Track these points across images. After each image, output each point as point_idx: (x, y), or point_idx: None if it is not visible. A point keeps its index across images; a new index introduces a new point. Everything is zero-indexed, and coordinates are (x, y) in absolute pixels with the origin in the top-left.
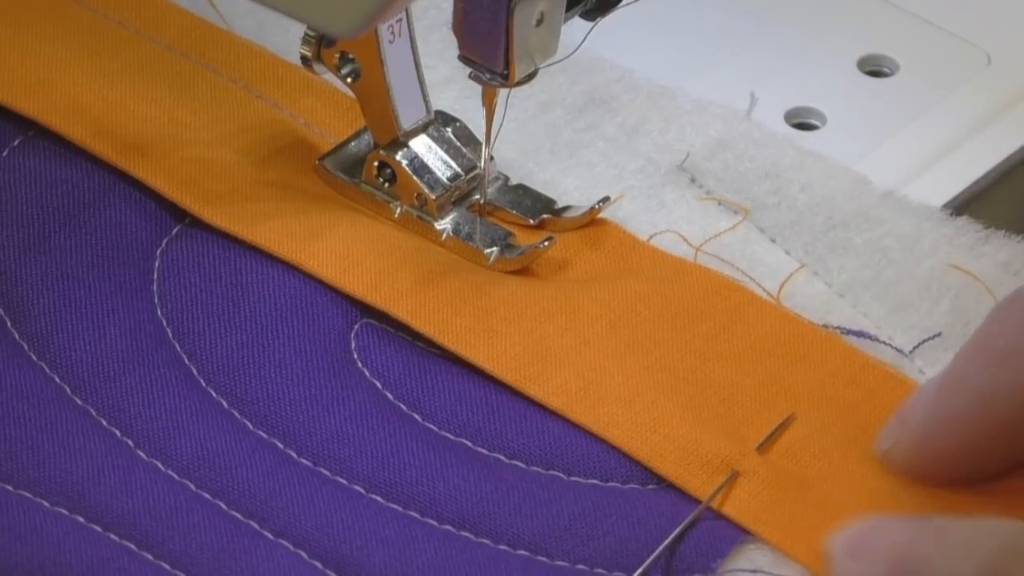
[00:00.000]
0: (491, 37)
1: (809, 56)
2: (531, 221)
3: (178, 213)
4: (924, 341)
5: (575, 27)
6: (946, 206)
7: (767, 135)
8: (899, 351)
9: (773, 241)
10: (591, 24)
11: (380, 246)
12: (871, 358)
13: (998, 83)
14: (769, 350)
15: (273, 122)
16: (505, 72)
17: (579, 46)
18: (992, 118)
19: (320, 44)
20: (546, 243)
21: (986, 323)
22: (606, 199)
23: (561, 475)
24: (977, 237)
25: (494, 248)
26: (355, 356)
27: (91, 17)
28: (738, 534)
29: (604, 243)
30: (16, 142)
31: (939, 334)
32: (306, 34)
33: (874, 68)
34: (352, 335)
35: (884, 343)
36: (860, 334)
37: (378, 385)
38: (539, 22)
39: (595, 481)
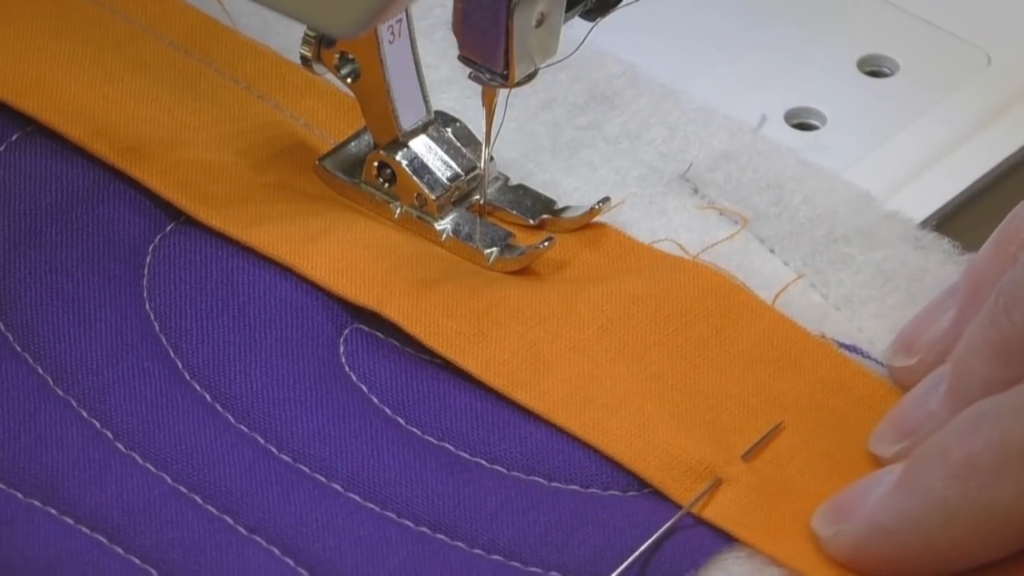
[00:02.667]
0: (491, 37)
1: (809, 56)
2: (531, 221)
3: (173, 211)
4: None
5: (576, 26)
6: (947, 206)
7: (771, 147)
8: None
9: (772, 251)
10: (591, 24)
11: (377, 250)
12: (862, 366)
13: (998, 83)
14: (760, 356)
15: (274, 123)
16: (505, 72)
17: (579, 47)
18: (992, 118)
19: (320, 44)
20: (546, 243)
21: (946, 433)
22: (606, 199)
23: (542, 481)
24: None
25: (494, 248)
26: (343, 360)
27: (97, 11)
28: (714, 544)
29: (603, 245)
30: (14, 137)
31: None
32: (306, 34)
33: (874, 68)
34: (341, 340)
35: (876, 361)
36: (853, 349)
37: (364, 389)
38: (539, 23)
39: (575, 487)
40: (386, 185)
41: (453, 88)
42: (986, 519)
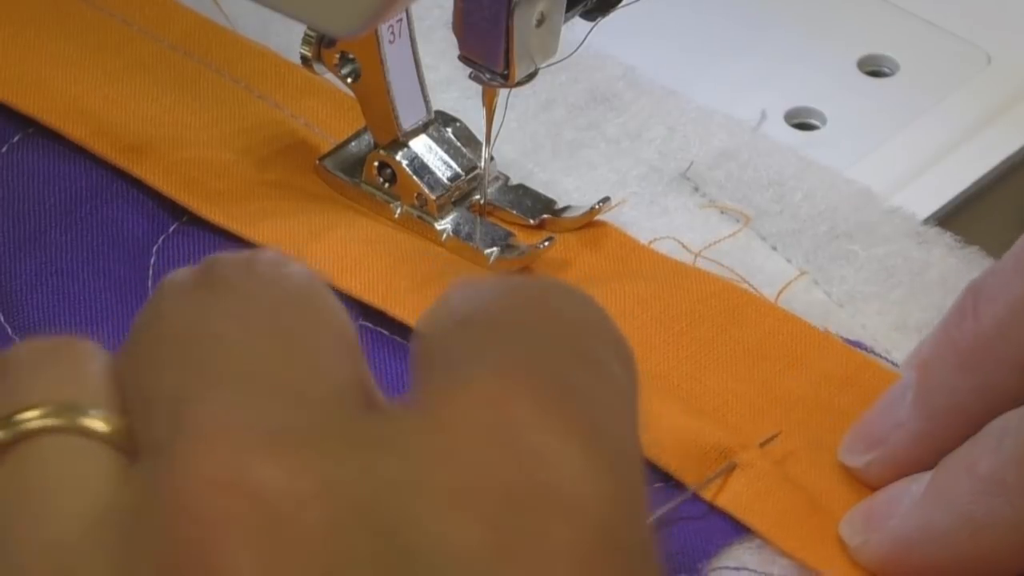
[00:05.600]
0: (491, 37)
1: (809, 56)
2: (531, 221)
3: (175, 211)
4: None
5: (576, 27)
6: (946, 207)
7: (772, 145)
8: (894, 364)
9: (774, 249)
10: (591, 24)
11: (379, 247)
12: (867, 357)
13: (998, 83)
14: (765, 354)
15: (274, 122)
16: (505, 72)
17: (579, 47)
18: (992, 118)
19: (320, 44)
20: (546, 243)
21: (974, 445)
22: (606, 199)
23: None
24: (984, 266)
25: (494, 248)
26: None
27: (95, 15)
28: (726, 535)
29: (604, 245)
30: (16, 138)
31: None
32: (306, 34)
33: (874, 68)
34: None
35: (880, 356)
36: (857, 344)
37: None
38: (539, 23)
39: None
40: (386, 185)
41: (453, 88)
42: (1012, 533)
